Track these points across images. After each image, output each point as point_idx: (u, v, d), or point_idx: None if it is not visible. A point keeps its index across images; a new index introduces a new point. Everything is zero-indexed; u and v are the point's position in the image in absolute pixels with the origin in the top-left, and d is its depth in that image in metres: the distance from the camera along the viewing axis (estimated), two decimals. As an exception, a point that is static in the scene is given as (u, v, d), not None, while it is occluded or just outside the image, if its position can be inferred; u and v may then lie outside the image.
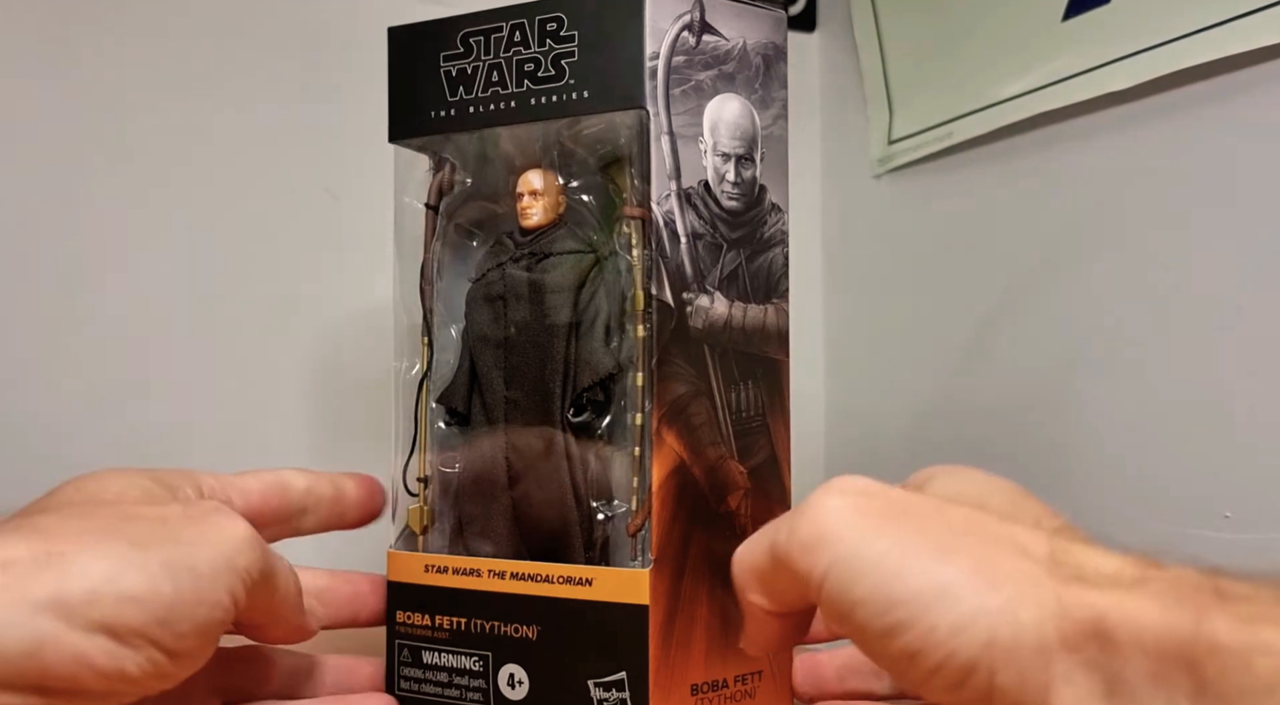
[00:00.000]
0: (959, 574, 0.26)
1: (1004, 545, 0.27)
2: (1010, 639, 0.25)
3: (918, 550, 0.27)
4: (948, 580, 0.26)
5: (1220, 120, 0.47)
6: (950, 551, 0.26)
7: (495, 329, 0.44)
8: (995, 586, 0.25)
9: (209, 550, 0.32)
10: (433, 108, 0.44)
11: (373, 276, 0.55)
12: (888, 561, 0.27)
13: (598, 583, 0.40)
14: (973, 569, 0.26)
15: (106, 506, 0.34)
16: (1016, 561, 0.26)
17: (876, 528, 0.28)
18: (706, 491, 0.42)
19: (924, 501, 0.29)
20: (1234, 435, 0.47)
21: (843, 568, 0.27)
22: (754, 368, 0.43)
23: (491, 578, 0.42)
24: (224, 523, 0.33)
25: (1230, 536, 0.45)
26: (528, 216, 0.44)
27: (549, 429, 0.42)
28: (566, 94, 0.42)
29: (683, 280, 0.41)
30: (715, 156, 0.43)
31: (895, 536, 0.27)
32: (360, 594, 0.45)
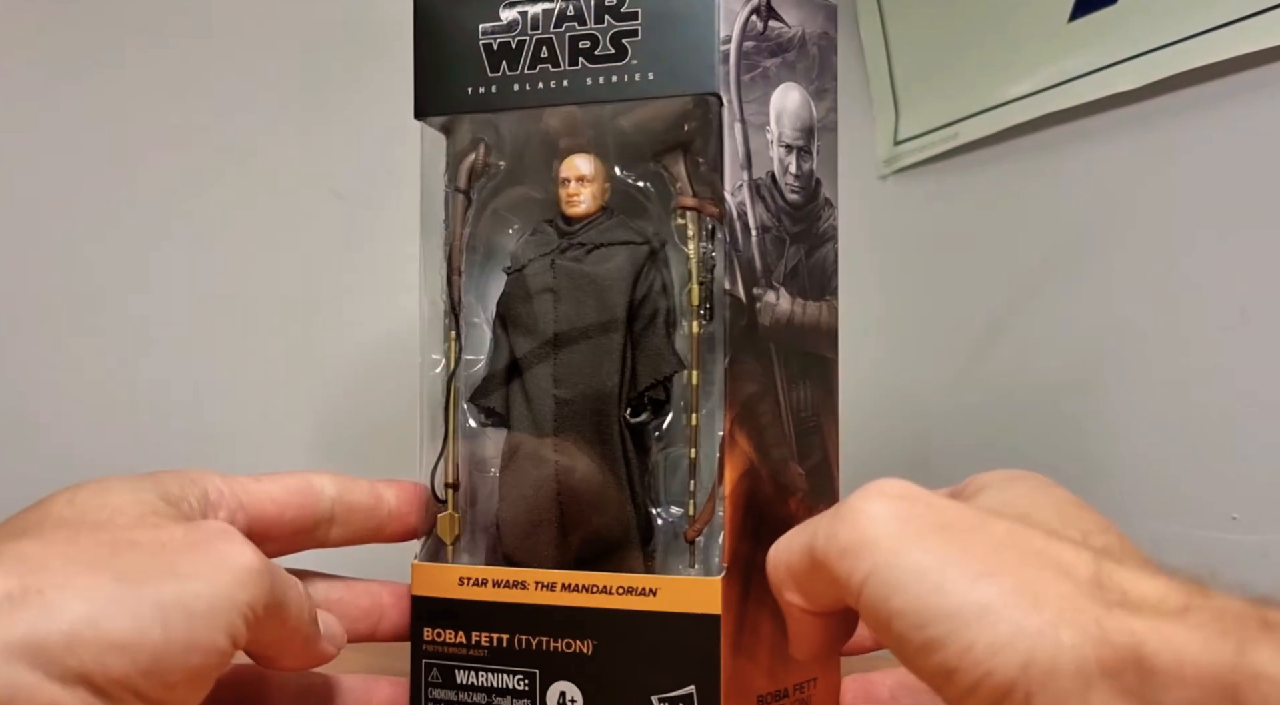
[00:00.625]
0: (999, 593, 0.25)
1: (1047, 564, 0.26)
2: (1049, 662, 0.24)
3: (958, 565, 0.26)
4: (987, 599, 0.25)
5: (1227, 121, 0.48)
6: (991, 569, 0.26)
7: (543, 323, 0.41)
8: (1036, 607, 0.25)
9: (208, 585, 0.28)
10: (470, 83, 0.41)
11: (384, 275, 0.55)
12: (927, 575, 0.26)
13: (664, 593, 0.38)
14: (1013, 588, 0.25)
15: (97, 530, 0.30)
16: (1059, 582, 0.26)
17: (917, 538, 0.27)
18: (772, 494, 0.40)
19: (967, 513, 0.29)
20: (1241, 437, 0.48)
21: (881, 577, 0.27)
22: (810, 367, 0.42)
23: (540, 590, 0.39)
24: (228, 550, 0.30)
25: (1237, 538, 0.47)
26: (574, 204, 0.41)
27: (604, 431, 0.40)
28: (628, 75, 0.39)
29: (753, 275, 0.39)
30: (779, 147, 0.41)
31: (936, 549, 0.27)
32: (379, 606, 0.41)
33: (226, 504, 0.36)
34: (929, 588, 0.26)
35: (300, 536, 0.38)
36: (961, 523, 0.28)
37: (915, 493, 0.29)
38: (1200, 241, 0.49)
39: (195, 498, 0.35)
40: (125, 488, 0.33)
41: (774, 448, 0.40)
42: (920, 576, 0.26)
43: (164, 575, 0.28)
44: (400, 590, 0.41)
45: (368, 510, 0.40)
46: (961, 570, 0.26)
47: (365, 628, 0.41)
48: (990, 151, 0.59)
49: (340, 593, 0.41)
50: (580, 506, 0.40)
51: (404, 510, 0.41)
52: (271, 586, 0.30)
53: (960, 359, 0.62)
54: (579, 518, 0.40)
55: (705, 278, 0.41)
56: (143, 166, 0.61)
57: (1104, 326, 0.54)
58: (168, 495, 0.33)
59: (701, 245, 0.41)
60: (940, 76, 0.62)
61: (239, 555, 0.29)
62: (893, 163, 0.65)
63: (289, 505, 0.37)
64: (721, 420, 0.40)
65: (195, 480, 0.35)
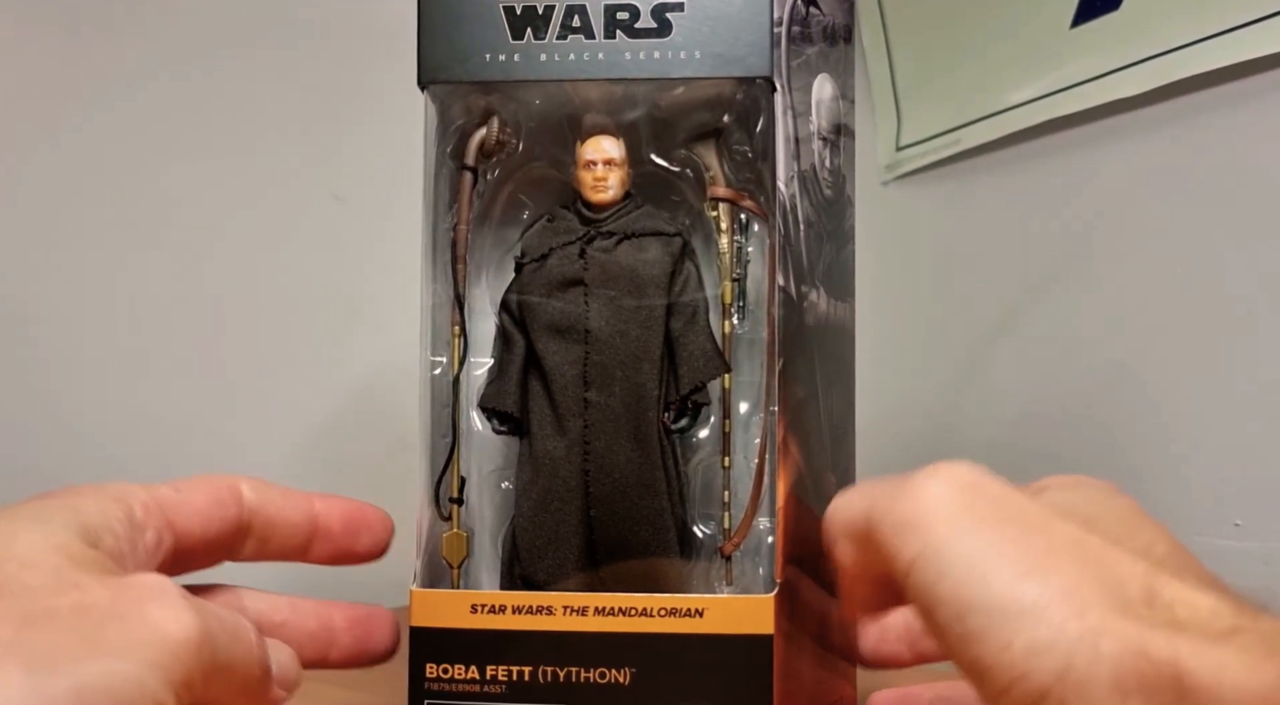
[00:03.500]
0: (1046, 593, 0.25)
1: (1101, 572, 0.26)
2: (1087, 672, 0.24)
3: (1009, 559, 0.26)
4: (1032, 598, 0.25)
5: (1229, 126, 0.50)
6: (1043, 568, 0.25)
7: (574, 319, 0.37)
8: (1080, 614, 0.24)
9: (138, 662, 0.24)
10: (489, 50, 0.37)
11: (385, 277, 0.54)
12: (975, 564, 0.26)
13: (711, 613, 0.35)
14: (1061, 591, 0.25)
15: (4, 595, 0.24)
16: (1108, 592, 0.25)
17: (974, 525, 0.27)
18: (814, 504, 0.38)
19: (1030, 509, 0.28)
20: (1244, 443, 0.49)
21: (930, 560, 0.26)
22: (839, 370, 0.41)
23: (569, 616, 0.35)
24: (160, 618, 0.25)
25: (1240, 544, 0.48)
26: (601, 189, 0.38)
27: (642, 436, 0.36)
28: (671, 53, 0.36)
29: (800, 272, 0.37)
30: (819, 140, 0.39)
31: (989, 539, 0.26)
32: (330, 630, 0.35)
33: (153, 523, 0.30)
34: (975, 578, 0.25)
35: (219, 552, 0.33)
36: (1022, 518, 0.27)
37: (982, 480, 0.28)
38: (1204, 246, 0.51)
39: (119, 522, 0.29)
40: (36, 525, 0.27)
41: (816, 456, 0.38)
42: (968, 565, 0.25)
43: (84, 655, 0.23)
44: (357, 612, 0.35)
45: (291, 526, 0.34)
46: (1011, 565, 0.25)
47: (312, 655, 0.35)
48: (993, 157, 0.59)
49: (285, 615, 0.35)
50: (616, 520, 0.36)
51: (337, 529, 0.34)
52: (214, 652, 0.26)
53: (962, 365, 0.62)
54: (613, 533, 0.36)
55: (739, 274, 0.38)
56: (143, 168, 0.61)
57: (1106, 332, 0.55)
58: (87, 529, 0.28)
59: (735, 240, 0.38)
60: (942, 82, 0.62)
61: (174, 623, 0.25)
62: (895, 168, 0.65)
63: (213, 518, 0.32)
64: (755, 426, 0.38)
65: (118, 499, 0.29)
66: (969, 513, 0.26)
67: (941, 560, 0.26)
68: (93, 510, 0.28)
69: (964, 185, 0.63)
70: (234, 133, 0.63)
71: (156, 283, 0.61)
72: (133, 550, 0.29)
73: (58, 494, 0.29)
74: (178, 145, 0.62)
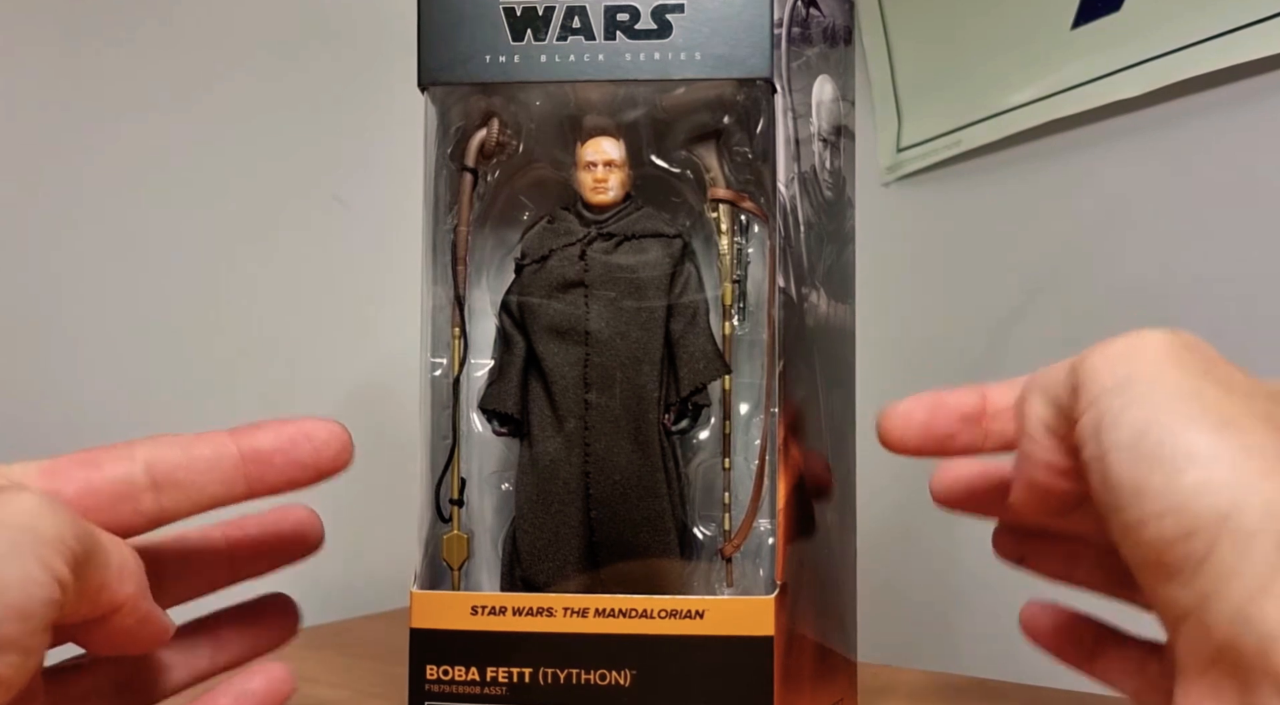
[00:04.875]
0: (1233, 445, 0.24)
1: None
2: (1252, 523, 0.23)
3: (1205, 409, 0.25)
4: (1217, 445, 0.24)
5: (1230, 127, 0.50)
6: (1237, 425, 0.24)
7: (574, 321, 0.37)
8: (1265, 473, 0.23)
9: (15, 550, 0.24)
10: (488, 51, 0.37)
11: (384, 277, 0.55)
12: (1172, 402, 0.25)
13: (711, 615, 0.35)
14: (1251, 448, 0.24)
15: None
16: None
17: (1180, 372, 0.26)
18: (813, 506, 0.38)
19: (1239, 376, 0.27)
20: None
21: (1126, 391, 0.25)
22: (839, 370, 0.40)
23: (570, 617, 0.35)
24: (12, 497, 0.25)
25: None
26: (602, 191, 0.38)
27: (643, 438, 0.36)
28: (671, 54, 0.36)
29: (801, 273, 0.37)
30: (819, 142, 0.39)
31: (1193, 388, 0.25)
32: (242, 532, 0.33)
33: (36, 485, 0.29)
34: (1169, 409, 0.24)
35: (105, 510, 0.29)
36: (1229, 381, 0.26)
37: (1199, 343, 0.27)
38: (1204, 246, 0.51)
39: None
40: None
41: (817, 457, 0.38)
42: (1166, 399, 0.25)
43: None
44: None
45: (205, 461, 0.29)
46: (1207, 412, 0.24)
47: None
48: (993, 158, 0.59)
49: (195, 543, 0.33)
50: (616, 522, 0.36)
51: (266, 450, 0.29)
52: (74, 523, 0.25)
53: (963, 363, 0.62)
54: (614, 534, 0.36)
55: (739, 275, 0.38)
56: (143, 169, 0.61)
57: (1107, 330, 0.55)
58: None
59: (735, 241, 0.38)
60: (943, 84, 0.62)
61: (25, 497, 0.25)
62: (895, 170, 0.65)
63: (70, 479, 0.29)
64: (755, 427, 0.38)
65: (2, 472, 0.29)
66: (1180, 361, 0.26)
67: (1140, 390, 0.25)
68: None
69: (965, 186, 0.63)
70: (235, 134, 0.63)
71: (157, 283, 0.61)
72: None
73: None
74: (178, 146, 0.62)
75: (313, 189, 0.64)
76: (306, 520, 0.32)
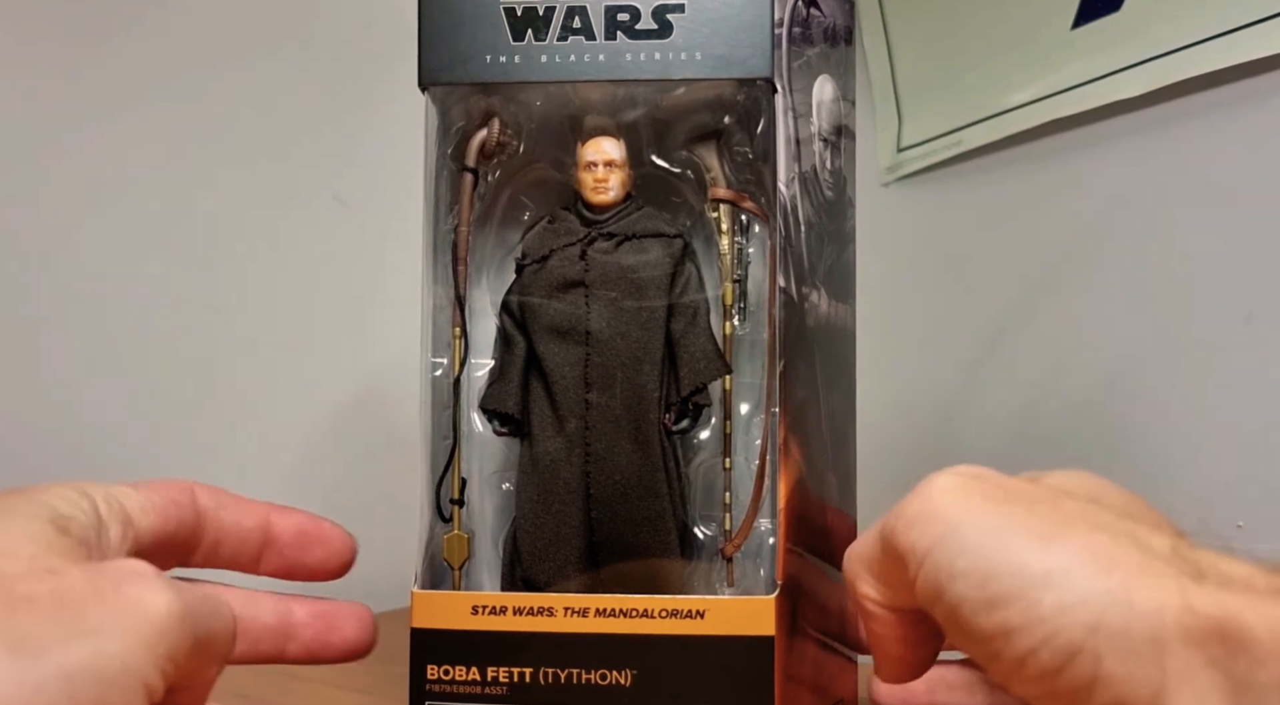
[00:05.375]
0: (1069, 556, 0.25)
1: (1121, 537, 0.26)
2: (1121, 625, 0.24)
3: (1027, 530, 0.26)
4: (1056, 561, 0.25)
5: (1230, 127, 0.50)
6: (1062, 535, 0.25)
7: (574, 321, 0.37)
8: (1108, 571, 0.24)
9: (122, 641, 0.24)
10: (489, 51, 0.37)
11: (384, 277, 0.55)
12: (994, 537, 0.26)
13: (712, 614, 0.35)
14: (1084, 551, 0.25)
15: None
16: (1134, 553, 0.25)
17: (985, 506, 0.27)
18: (815, 506, 0.38)
19: (1039, 489, 0.29)
20: (1246, 444, 0.49)
21: (947, 543, 0.26)
22: (839, 371, 0.41)
23: (570, 617, 0.35)
24: (140, 595, 0.25)
25: (1243, 546, 0.48)
26: (602, 191, 0.38)
27: (643, 438, 0.36)
28: (671, 54, 0.36)
29: (802, 273, 0.37)
30: (819, 141, 0.39)
31: (1005, 515, 0.26)
32: (289, 625, 0.34)
33: (115, 517, 0.30)
34: (995, 547, 0.25)
35: (174, 554, 0.32)
36: (1033, 495, 0.27)
37: (985, 472, 0.29)
38: (1204, 247, 0.51)
39: (86, 513, 0.29)
40: (7, 518, 0.27)
41: (818, 457, 0.38)
42: (986, 538, 0.26)
43: (70, 636, 0.23)
44: (317, 608, 0.34)
45: (242, 533, 0.33)
46: (1030, 535, 0.25)
47: (269, 648, 0.34)
48: (993, 158, 0.59)
49: (239, 609, 0.34)
50: (616, 521, 0.36)
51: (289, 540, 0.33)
52: (193, 630, 0.25)
53: (963, 366, 0.62)
54: (614, 534, 0.36)
55: (739, 275, 0.38)
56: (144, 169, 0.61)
57: (1107, 333, 0.55)
58: (59, 519, 0.27)
59: (736, 241, 0.38)
60: (943, 84, 0.62)
61: (154, 599, 0.25)
62: (896, 170, 0.65)
63: (169, 518, 0.31)
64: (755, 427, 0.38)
65: (84, 492, 0.29)
66: (980, 497, 0.27)
67: (960, 538, 0.26)
68: (61, 502, 0.28)
69: (965, 186, 0.63)
70: (235, 135, 0.63)
71: (158, 283, 0.61)
72: (99, 541, 0.29)
73: (23, 490, 0.28)
74: (179, 147, 0.62)
75: (313, 188, 0.65)
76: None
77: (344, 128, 0.65)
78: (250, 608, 0.34)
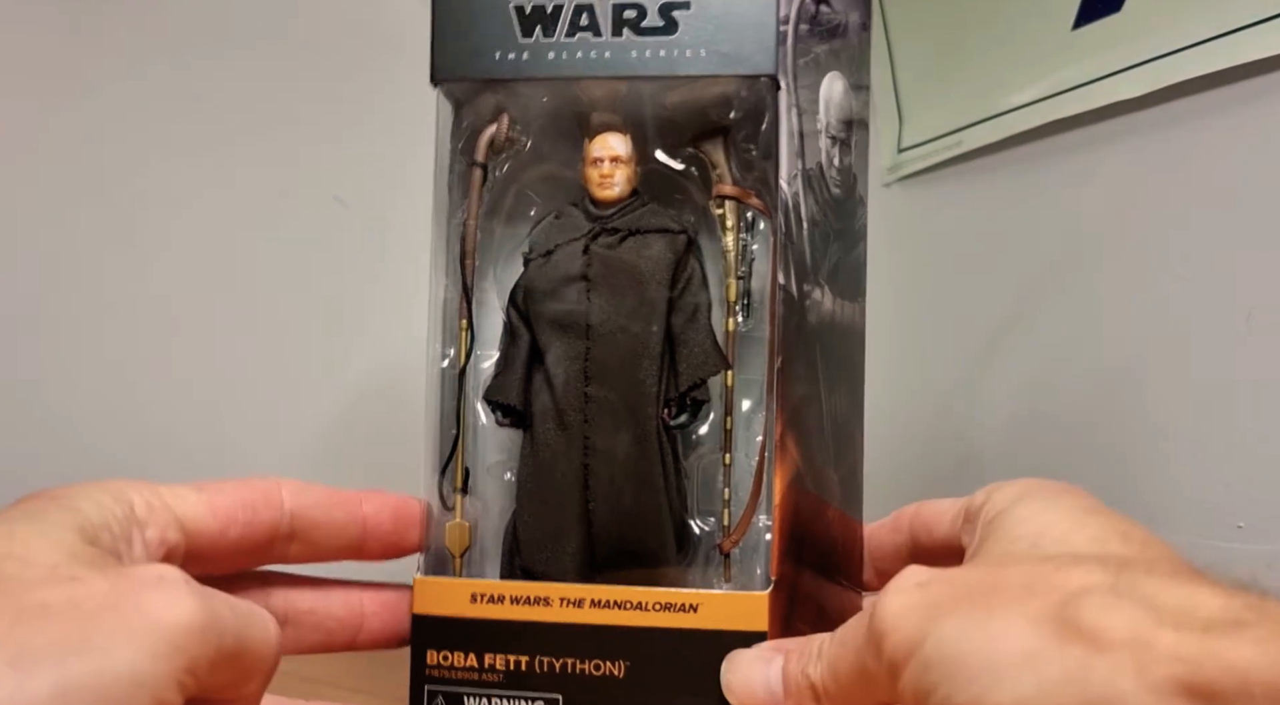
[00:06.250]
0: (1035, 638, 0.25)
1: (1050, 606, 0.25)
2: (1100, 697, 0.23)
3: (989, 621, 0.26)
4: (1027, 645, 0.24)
5: (1231, 128, 0.49)
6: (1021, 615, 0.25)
7: (576, 315, 0.37)
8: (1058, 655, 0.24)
9: (132, 652, 0.23)
10: (498, 48, 0.37)
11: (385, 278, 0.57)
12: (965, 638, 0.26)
13: (705, 609, 0.35)
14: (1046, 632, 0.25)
15: (2, 594, 0.24)
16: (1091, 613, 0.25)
17: (945, 613, 0.27)
18: (815, 503, 0.38)
19: (976, 574, 0.29)
20: (1246, 444, 0.48)
21: (919, 657, 0.26)
22: (844, 370, 0.40)
23: (566, 607, 0.36)
24: (158, 605, 0.24)
25: (1243, 547, 0.48)
26: (607, 186, 0.38)
27: (641, 432, 0.37)
28: (677, 51, 0.36)
29: (804, 270, 0.37)
30: (826, 139, 0.39)
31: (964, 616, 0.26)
32: (359, 615, 0.36)
33: (156, 520, 0.30)
34: (968, 650, 0.25)
35: (253, 554, 0.33)
36: (979, 586, 0.27)
37: (928, 576, 0.29)
38: (1205, 248, 0.50)
39: (117, 520, 0.29)
40: (34, 524, 0.27)
41: (818, 454, 0.38)
42: (957, 641, 0.26)
43: (76, 649, 0.23)
44: (386, 596, 0.37)
45: (337, 526, 0.35)
46: (993, 624, 0.25)
47: (342, 639, 0.37)
48: (994, 159, 0.59)
49: (311, 602, 0.36)
50: (613, 514, 0.37)
51: (388, 527, 0.36)
52: (218, 639, 0.25)
53: (964, 365, 0.62)
54: (611, 526, 0.37)
55: (744, 272, 0.38)
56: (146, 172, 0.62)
57: (1107, 333, 0.54)
58: (86, 526, 0.28)
59: (741, 237, 0.39)
60: (943, 84, 0.62)
61: (173, 608, 0.24)
62: (896, 170, 0.65)
63: (234, 520, 0.32)
64: (756, 423, 0.38)
65: (117, 496, 0.29)
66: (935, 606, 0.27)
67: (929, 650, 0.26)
68: (90, 508, 0.28)
69: (966, 187, 0.62)
70: (236, 135, 0.64)
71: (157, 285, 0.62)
72: (129, 547, 0.29)
73: (54, 492, 0.29)
74: (180, 147, 0.63)
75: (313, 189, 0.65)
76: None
77: (345, 128, 0.65)
78: (323, 603, 0.36)
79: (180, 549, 0.31)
